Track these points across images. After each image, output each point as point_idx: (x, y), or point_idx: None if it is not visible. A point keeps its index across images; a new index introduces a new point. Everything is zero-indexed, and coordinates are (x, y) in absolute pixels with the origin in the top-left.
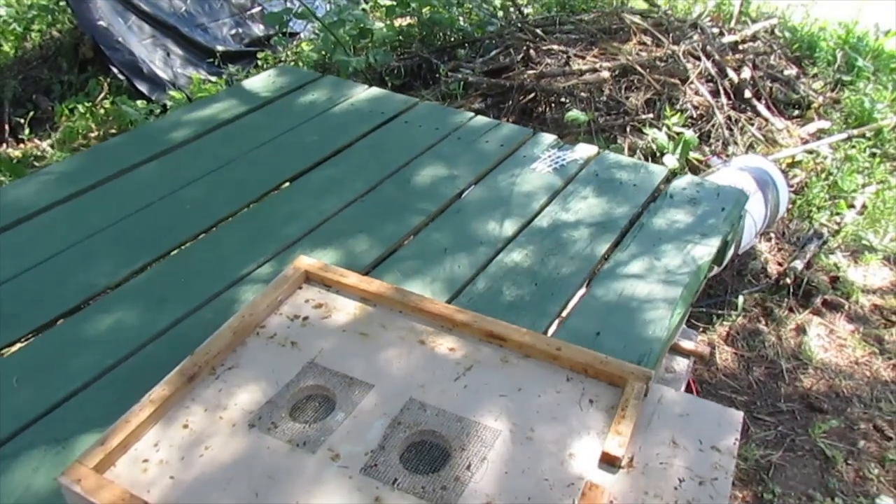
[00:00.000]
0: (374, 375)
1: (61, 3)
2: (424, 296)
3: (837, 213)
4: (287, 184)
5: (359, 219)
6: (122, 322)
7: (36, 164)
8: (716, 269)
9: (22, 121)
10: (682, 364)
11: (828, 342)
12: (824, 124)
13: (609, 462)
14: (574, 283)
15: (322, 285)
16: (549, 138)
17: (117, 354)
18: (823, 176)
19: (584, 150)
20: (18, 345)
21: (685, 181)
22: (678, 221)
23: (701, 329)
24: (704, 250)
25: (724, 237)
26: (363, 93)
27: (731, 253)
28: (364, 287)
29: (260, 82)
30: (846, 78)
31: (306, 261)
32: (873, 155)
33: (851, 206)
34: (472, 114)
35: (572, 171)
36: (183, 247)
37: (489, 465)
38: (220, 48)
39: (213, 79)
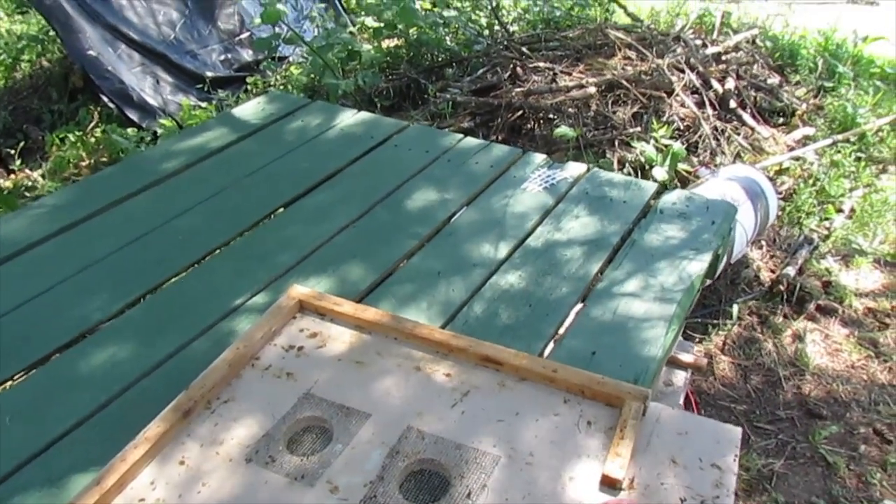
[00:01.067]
0: (371, 404)
1: (51, 34)
2: (419, 322)
3: (826, 218)
4: (280, 210)
5: (352, 245)
6: (115, 357)
7: (27, 194)
8: (707, 282)
9: (12, 151)
10: (680, 377)
11: (823, 347)
12: (809, 131)
13: (610, 485)
14: (568, 304)
15: (316, 314)
16: (538, 158)
17: (111, 390)
18: (811, 182)
19: (574, 169)
20: (10, 382)
21: (675, 196)
22: (670, 237)
23: (697, 339)
24: (697, 265)
25: (716, 251)
26: (352, 117)
27: (723, 264)
28: (359, 315)
29: (250, 109)
30: (828, 84)
31: (300, 290)
32: (858, 159)
33: (840, 210)
34: (461, 136)
35: (563, 189)
36: (176, 278)
37: (489, 493)
38: (209, 74)
39: (203, 104)
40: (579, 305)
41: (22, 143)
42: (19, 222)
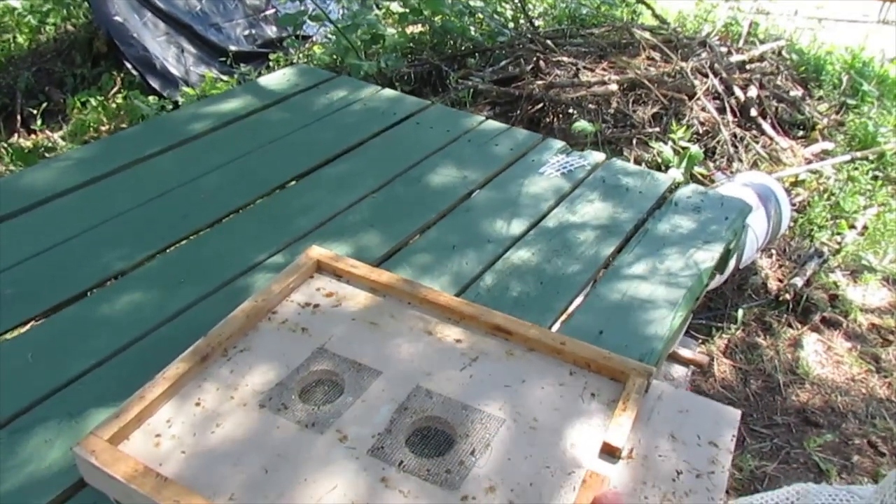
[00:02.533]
0: (383, 363)
1: None
2: (433, 288)
3: (838, 233)
4: (301, 178)
5: (370, 214)
6: (136, 304)
7: (47, 154)
8: (718, 279)
9: (34, 112)
10: (680, 372)
11: (825, 358)
12: (828, 145)
13: (609, 452)
14: (579, 283)
15: (333, 275)
16: (558, 144)
17: (132, 335)
18: (826, 196)
19: (592, 157)
20: (33, 323)
21: (689, 190)
22: (682, 227)
23: (700, 341)
24: (707, 256)
25: (727, 244)
26: (377, 94)
27: (732, 265)
28: (374, 278)
29: (275, 80)
30: (851, 101)
31: (318, 251)
32: (875, 178)
33: (852, 226)
34: (483, 118)
35: (580, 175)
36: (197, 234)
37: (492, 452)
38: (232, 48)
39: (225, 77)
40: (589, 287)
41: (44, 105)
42: (43, 174)
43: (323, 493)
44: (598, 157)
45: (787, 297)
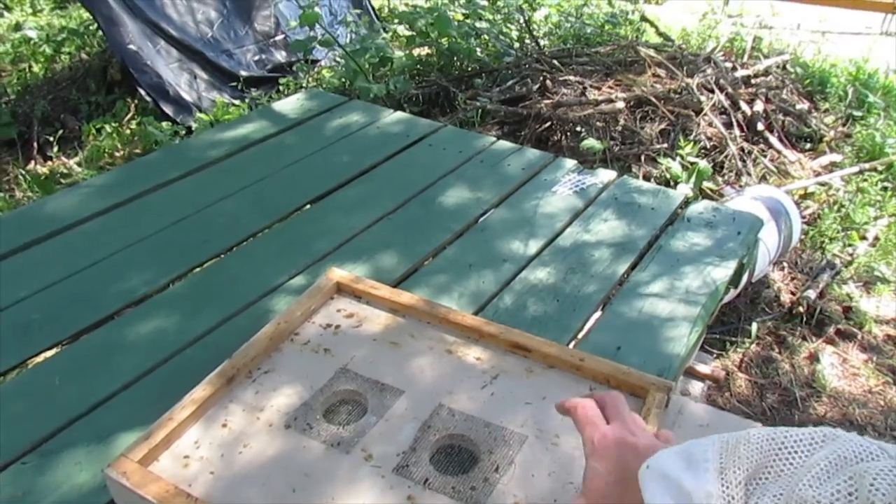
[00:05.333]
0: (405, 382)
1: (91, 28)
2: (452, 308)
3: (850, 245)
4: (317, 200)
5: (386, 235)
6: (160, 328)
7: (63, 181)
8: (731, 293)
9: (50, 139)
10: (697, 387)
11: (841, 371)
12: (836, 157)
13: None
14: (595, 300)
15: (353, 296)
16: (569, 163)
17: (156, 357)
18: (836, 208)
19: (604, 175)
20: (59, 347)
21: (702, 206)
22: (696, 244)
23: (715, 356)
24: (722, 272)
25: (741, 259)
26: (389, 117)
27: (745, 280)
28: (394, 299)
29: (289, 105)
30: (857, 113)
31: (338, 272)
32: (885, 189)
33: (864, 237)
34: (494, 138)
35: (592, 194)
36: (218, 258)
37: (516, 468)
38: (243, 73)
39: (237, 102)
40: (605, 305)
41: (60, 132)
42: (67, 200)
43: None
44: (609, 174)
45: (801, 309)
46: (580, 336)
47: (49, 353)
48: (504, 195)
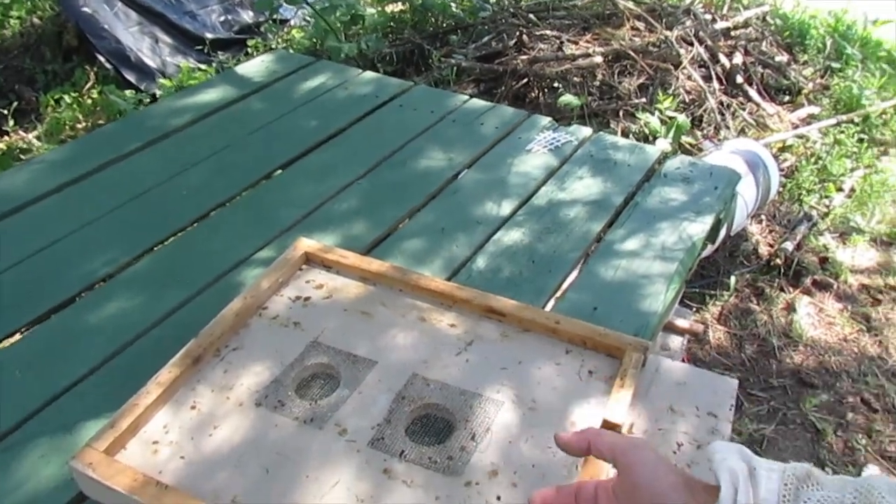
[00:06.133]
0: (377, 353)
1: None
2: (424, 274)
3: (826, 197)
4: (285, 167)
5: (357, 202)
6: (123, 309)
7: (22, 156)
8: (709, 248)
9: (5, 112)
10: (676, 341)
11: (817, 320)
12: (814, 110)
13: (610, 429)
14: (571, 260)
15: (322, 266)
16: (544, 120)
17: (120, 341)
18: (813, 160)
19: (579, 132)
20: (18, 335)
21: (679, 161)
22: (672, 200)
23: (694, 309)
24: (698, 227)
25: (718, 215)
26: (358, 77)
27: (723, 234)
28: (364, 267)
29: (253, 67)
30: (835, 65)
31: (306, 242)
32: (861, 140)
33: (840, 189)
34: (466, 97)
35: (568, 151)
36: (182, 232)
37: (493, 436)
38: (209, 35)
39: (203, 66)
40: (581, 264)
41: (14, 104)
42: (19, 178)
43: (326, 490)
44: (585, 131)
45: (779, 261)
46: (556, 297)
47: (6, 343)
48: (477, 155)
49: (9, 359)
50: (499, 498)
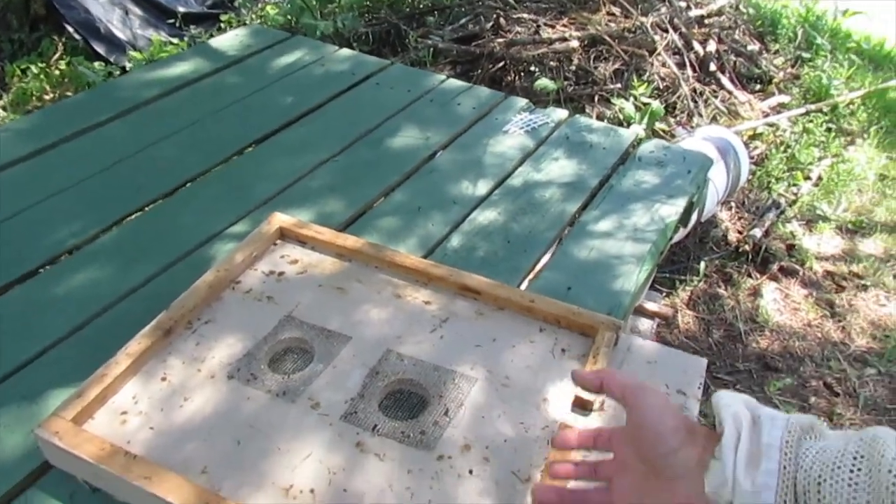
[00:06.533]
0: (352, 328)
1: None
2: (400, 251)
3: (794, 185)
4: (259, 143)
5: (332, 179)
6: (92, 281)
7: None
8: (681, 232)
9: None
10: (646, 324)
11: (783, 306)
12: (784, 99)
13: (581, 406)
14: (545, 241)
15: (297, 241)
16: (520, 102)
17: (88, 311)
18: (782, 148)
19: (555, 114)
20: None
21: (653, 145)
22: (646, 182)
23: (665, 294)
24: (671, 210)
25: (690, 198)
26: (334, 53)
27: (694, 219)
28: (339, 243)
29: (227, 41)
30: (806, 55)
31: (281, 217)
32: (829, 130)
33: (808, 177)
34: (444, 77)
35: (544, 133)
36: (153, 205)
37: (466, 411)
38: (181, 9)
39: (175, 41)
40: (556, 245)
41: None
42: None
43: (298, 462)
44: (561, 114)
45: (747, 248)
46: (530, 277)
47: None
48: (454, 135)
49: None
50: (471, 472)
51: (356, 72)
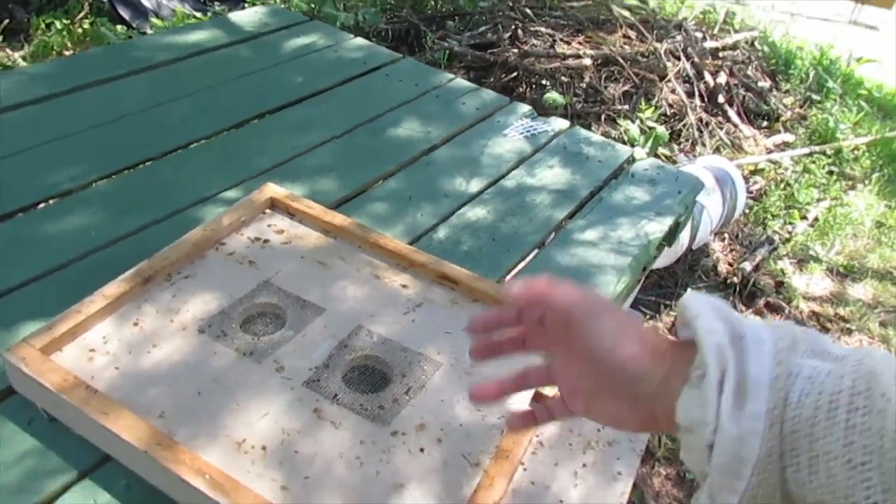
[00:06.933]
0: (327, 301)
1: None
2: (385, 234)
3: (790, 223)
4: (264, 117)
5: (330, 159)
6: (82, 225)
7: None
8: (670, 257)
9: None
10: None
11: None
12: (789, 137)
13: (540, 401)
14: (530, 243)
15: (286, 213)
16: (524, 108)
17: (72, 254)
18: (782, 186)
19: (556, 123)
20: None
21: (647, 163)
22: (636, 198)
23: (648, 316)
24: (657, 227)
25: (677, 217)
26: (349, 41)
27: (686, 244)
28: (327, 219)
29: (246, 17)
30: (816, 97)
31: (273, 188)
32: (831, 172)
33: (804, 217)
34: (452, 76)
35: (542, 140)
36: (151, 162)
37: (427, 393)
38: None
39: (199, 14)
40: (539, 248)
41: (6, 22)
42: None
43: (255, 420)
44: (562, 123)
45: (735, 280)
46: (510, 277)
47: None
48: (454, 132)
49: None
50: (422, 450)
51: (368, 61)
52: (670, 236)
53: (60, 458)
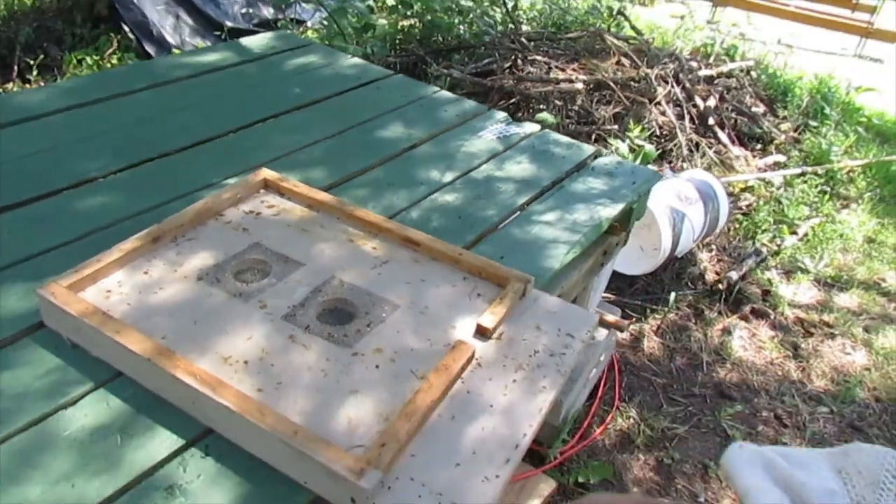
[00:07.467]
0: (306, 258)
1: None
2: (362, 208)
3: (779, 237)
4: (265, 121)
5: (321, 154)
6: (104, 204)
7: None
8: (654, 263)
9: (31, 62)
10: (602, 333)
11: (748, 343)
12: (781, 158)
13: (481, 332)
14: (492, 221)
15: (278, 193)
16: (500, 114)
17: (94, 225)
18: (773, 203)
19: (529, 127)
20: (13, 209)
21: (608, 159)
22: (594, 188)
23: (634, 319)
24: (609, 211)
25: (630, 203)
26: (347, 60)
27: (668, 252)
28: (311, 195)
29: (256, 41)
30: (812, 123)
31: (267, 172)
32: (823, 192)
33: (794, 232)
34: (437, 88)
35: (514, 141)
36: (166, 157)
37: (386, 326)
38: (228, 23)
39: None
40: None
41: (41, 58)
42: (36, 96)
43: (240, 342)
44: (534, 127)
45: (721, 287)
46: (472, 247)
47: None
48: (434, 134)
49: (2, 223)
50: (377, 366)
51: (361, 77)
52: (624, 219)
53: (81, 373)
